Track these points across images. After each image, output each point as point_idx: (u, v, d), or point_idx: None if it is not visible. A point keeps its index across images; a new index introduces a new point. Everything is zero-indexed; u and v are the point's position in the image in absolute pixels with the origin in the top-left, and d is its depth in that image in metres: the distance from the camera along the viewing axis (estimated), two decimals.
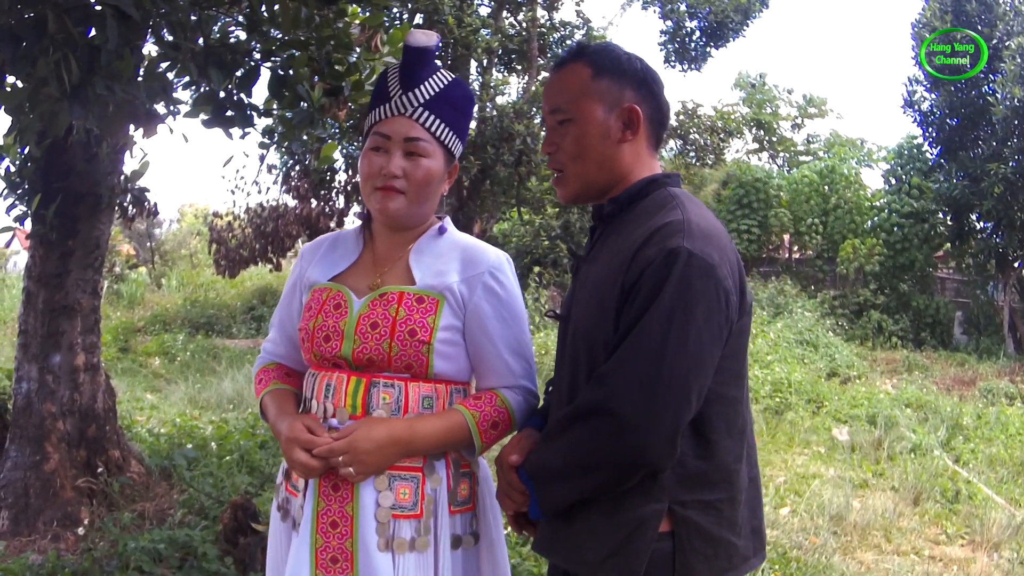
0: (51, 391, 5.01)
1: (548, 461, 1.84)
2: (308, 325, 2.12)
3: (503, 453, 1.99)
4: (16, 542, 4.62)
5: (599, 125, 1.91)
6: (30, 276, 5.12)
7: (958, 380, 14.03)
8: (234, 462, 5.98)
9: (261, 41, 3.79)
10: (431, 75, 2.14)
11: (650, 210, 1.86)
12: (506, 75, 18.07)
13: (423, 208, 2.15)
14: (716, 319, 1.71)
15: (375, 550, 1.99)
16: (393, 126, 2.09)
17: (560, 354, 2.04)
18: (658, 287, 1.68)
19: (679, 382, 1.66)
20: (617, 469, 1.70)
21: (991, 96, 19.03)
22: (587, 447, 1.73)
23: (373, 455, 1.97)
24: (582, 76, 1.93)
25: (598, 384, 1.72)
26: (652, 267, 1.70)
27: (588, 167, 1.94)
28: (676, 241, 1.71)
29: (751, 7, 18.66)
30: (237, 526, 4.18)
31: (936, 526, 6.28)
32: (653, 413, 1.65)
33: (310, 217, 14.69)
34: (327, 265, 2.23)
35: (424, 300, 2.09)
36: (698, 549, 1.75)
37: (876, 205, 22.36)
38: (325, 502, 2.03)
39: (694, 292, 1.68)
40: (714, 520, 1.78)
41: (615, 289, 1.77)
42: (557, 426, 1.85)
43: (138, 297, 19.24)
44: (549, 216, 17.98)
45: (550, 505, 1.84)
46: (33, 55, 2.92)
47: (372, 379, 2.05)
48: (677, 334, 1.66)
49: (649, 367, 1.66)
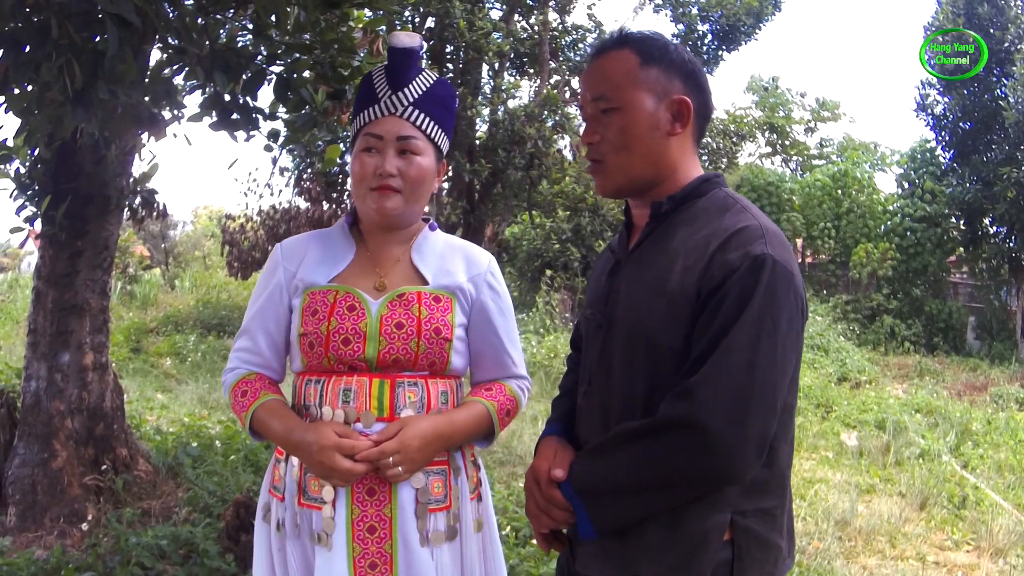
0: (59, 389, 5.07)
1: (608, 476, 1.73)
2: (320, 329, 2.07)
3: (539, 468, 1.87)
4: (23, 538, 4.67)
5: (648, 116, 1.79)
6: (39, 276, 5.19)
7: (970, 385, 13.94)
8: (239, 461, 6.02)
9: (266, 45, 3.83)
10: (418, 75, 2.16)
11: (710, 211, 1.79)
12: (517, 78, 18.11)
13: (418, 206, 2.17)
14: (796, 327, 1.67)
15: (416, 547, 2.02)
16: (385, 126, 2.10)
17: (598, 360, 1.89)
18: (746, 296, 1.61)
19: (769, 394, 1.61)
20: (699, 484, 1.65)
21: (1003, 100, 18.95)
22: (668, 462, 1.64)
23: (423, 452, 2.01)
24: (629, 63, 1.81)
25: (684, 398, 1.61)
26: (737, 274, 1.63)
27: (633, 159, 1.82)
28: (760, 247, 1.65)
29: (763, 10, 18.67)
30: (239, 524, 4.22)
31: (942, 532, 6.23)
32: (744, 427, 1.58)
33: (322, 219, 14.74)
34: (322, 266, 2.18)
35: (440, 299, 2.13)
36: (755, 556, 1.71)
37: (889, 209, 22.22)
38: (360, 509, 2.03)
39: (779, 301, 1.63)
40: (769, 526, 1.75)
41: (688, 294, 1.68)
42: (619, 440, 1.73)
43: (151, 298, 19.31)
44: (560, 219, 17.99)
45: (608, 523, 1.74)
46: (36, 60, 2.95)
47: (396, 379, 2.06)
48: (767, 345, 1.61)
49: (741, 380, 1.59)
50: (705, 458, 1.60)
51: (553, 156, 15.70)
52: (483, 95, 16.02)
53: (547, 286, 16.62)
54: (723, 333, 1.61)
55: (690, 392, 1.61)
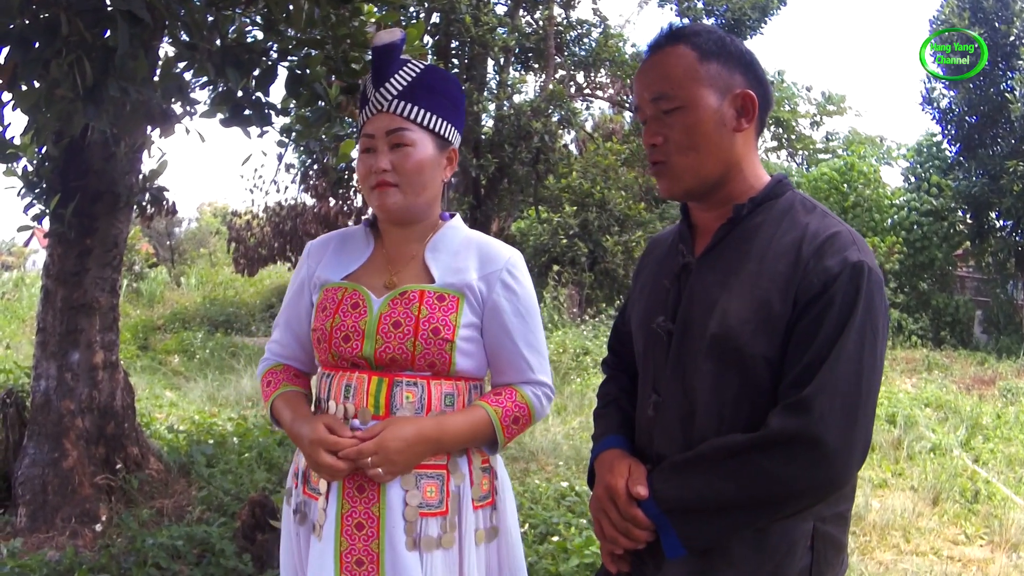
0: (70, 388, 5.04)
1: (705, 492, 1.66)
2: (325, 325, 2.10)
3: (614, 486, 1.78)
4: (34, 539, 4.64)
5: (713, 113, 1.73)
6: (48, 274, 5.15)
7: (978, 379, 13.90)
8: (253, 459, 6.01)
9: (277, 41, 3.80)
10: (399, 68, 2.13)
11: (792, 214, 1.75)
12: (523, 73, 18.11)
13: (421, 198, 2.13)
14: (885, 334, 1.66)
15: (403, 550, 1.99)
16: (375, 124, 2.10)
17: (673, 368, 1.81)
18: (850, 304, 1.59)
19: (873, 403, 1.61)
20: (809, 497, 1.61)
21: (1009, 93, 18.92)
22: (780, 475, 1.59)
23: (403, 454, 1.98)
24: (687, 60, 1.74)
25: (799, 409, 1.57)
26: (839, 282, 1.60)
27: (703, 159, 1.75)
28: (855, 254, 1.62)
29: (769, 4, 18.66)
30: (255, 523, 4.19)
31: (955, 526, 6.21)
32: (854, 436, 1.57)
33: (328, 215, 14.77)
34: (338, 264, 2.22)
35: (445, 298, 2.09)
36: (830, 560, 1.70)
37: (896, 203, 22.21)
38: (350, 504, 2.03)
39: (876, 309, 1.62)
40: (843, 529, 1.74)
41: (783, 302, 1.65)
42: (719, 454, 1.66)
43: (158, 296, 19.35)
44: (567, 214, 17.96)
45: (701, 541, 1.67)
46: (46, 57, 2.92)
47: (395, 378, 2.05)
48: (868, 353, 1.59)
49: (851, 389, 1.57)
50: (819, 470, 1.57)
51: (559, 151, 15.68)
52: (489, 90, 16.01)
53: (554, 281, 16.59)
54: (832, 343, 1.58)
55: (806, 405, 1.57)
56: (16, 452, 5.10)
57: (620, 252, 17.45)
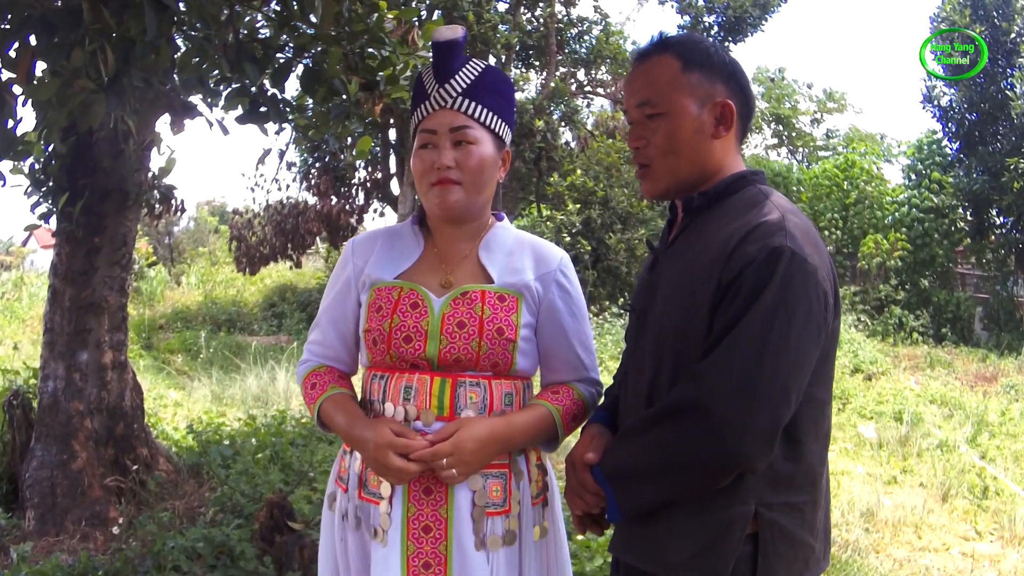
0: (78, 389, 5.00)
1: (630, 461, 1.80)
2: (382, 326, 2.06)
3: (575, 452, 1.96)
4: (43, 542, 4.59)
5: (692, 120, 1.85)
6: (56, 274, 5.11)
7: (980, 376, 13.91)
8: (266, 459, 5.97)
9: (293, 37, 3.76)
10: (463, 65, 2.11)
11: (740, 207, 1.83)
12: (525, 71, 18.09)
13: (481, 197, 2.12)
14: (815, 320, 1.69)
15: (471, 550, 1.99)
16: (437, 119, 2.07)
17: (634, 350, 1.98)
18: (760, 286, 1.65)
19: (779, 381, 1.63)
20: (710, 469, 1.67)
21: (1010, 91, 18.94)
22: (678, 446, 1.69)
23: (477, 455, 1.98)
24: (671, 69, 1.87)
25: (692, 381, 1.68)
26: (753, 265, 1.66)
27: (680, 162, 1.88)
28: (778, 240, 1.68)
29: (769, 1, 18.67)
30: (273, 524, 4.15)
31: (965, 522, 6.24)
32: (751, 412, 1.61)
33: (330, 214, 14.76)
34: (389, 262, 2.17)
35: (505, 298, 2.09)
36: (780, 552, 1.73)
37: (896, 200, 22.21)
38: (416, 507, 2.01)
39: (795, 293, 1.66)
40: (797, 523, 1.76)
41: (709, 285, 1.72)
42: (640, 425, 1.80)
43: (158, 295, 19.29)
44: (569, 212, 17.93)
45: (631, 507, 1.80)
46: (68, 45, 2.88)
47: (458, 378, 2.03)
48: (778, 333, 1.63)
49: (749, 365, 1.62)
50: (712, 442, 1.64)
51: (561, 148, 15.67)
52: None
53: None
54: (735, 321, 1.66)
55: (698, 376, 1.67)
56: (23, 454, 5.07)
57: (623, 250, 17.44)
